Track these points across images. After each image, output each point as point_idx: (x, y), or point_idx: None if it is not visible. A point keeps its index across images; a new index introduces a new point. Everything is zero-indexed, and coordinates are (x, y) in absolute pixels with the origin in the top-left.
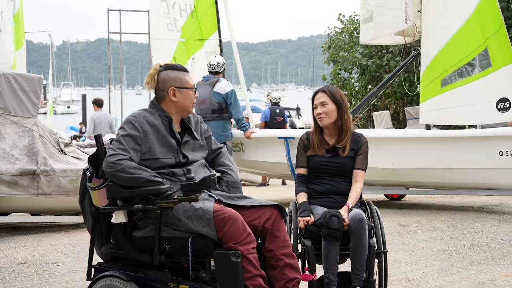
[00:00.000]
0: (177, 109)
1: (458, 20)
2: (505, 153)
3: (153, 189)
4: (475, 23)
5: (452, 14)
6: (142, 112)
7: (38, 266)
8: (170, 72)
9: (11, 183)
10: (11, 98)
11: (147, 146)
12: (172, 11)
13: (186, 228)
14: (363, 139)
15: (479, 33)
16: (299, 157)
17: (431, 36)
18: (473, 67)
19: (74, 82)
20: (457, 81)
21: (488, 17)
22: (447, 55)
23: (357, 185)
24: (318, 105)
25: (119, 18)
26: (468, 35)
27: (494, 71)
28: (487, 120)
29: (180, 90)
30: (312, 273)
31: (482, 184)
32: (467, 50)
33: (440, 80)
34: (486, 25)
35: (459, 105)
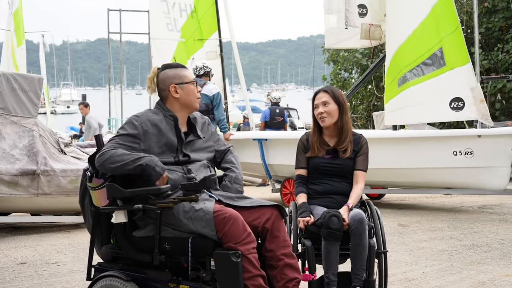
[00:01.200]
0: (182, 106)
1: (414, 22)
2: (459, 152)
3: (153, 189)
4: (430, 24)
5: (409, 16)
6: (146, 112)
7: (38, 266)
8: (168, 71)
9: (11, 183)
10: (11, 98)
11: (146, 145)
12: (172, 11)
13: (186, 229)
14: (363, 140)
15: (434, 33)
16: (298, 158)
17: (391, 38)
18: (427, 66)
19: (74, 82)
20: (412, 80)
21: (444, 19)
22: (402, 55)
23: (358, 186)
24: (319, 105)
25: (119, 18)
26: (422, 36)
27: (448, 70)
28: (440, 119)
29: (180, 86)
30: (312, 273)
31: (439, 183)
32: (421, 50)
33: (396, 81)
34: (441, 26)
35: (413, 104)
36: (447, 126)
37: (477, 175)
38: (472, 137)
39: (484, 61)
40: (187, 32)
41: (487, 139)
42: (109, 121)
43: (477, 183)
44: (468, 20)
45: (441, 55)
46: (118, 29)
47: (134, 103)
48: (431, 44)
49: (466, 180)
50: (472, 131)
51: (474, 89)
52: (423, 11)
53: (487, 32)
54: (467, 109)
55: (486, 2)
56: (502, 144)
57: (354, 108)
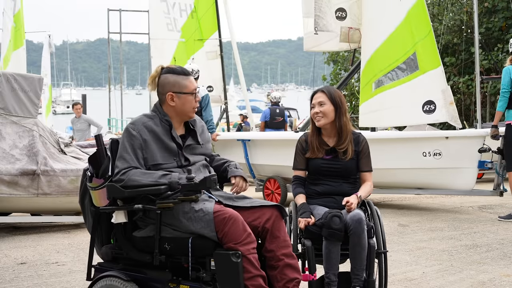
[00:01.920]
0: (177, 114)
1: (390, 27)
2: (428, 154)
3: (153, 189)
4: (405, 29)
5: (385, 21)
6: (141, 118)
7: (38, 266)
8: (169, 76)
9: (11, 183)
10: (11, 98)
11: (148, 153)
12: (172, 11)
13: (186, 229)
14: (362, 139)
15: (408, 38)
16: (296, 159)
17: (367, 42)
18: (402, 70)
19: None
20: (387, 84)
21: (417, 23)
22: (378, 59)
23: (368, 183)
24: (315, 105)
25: (119, 18)
26: (398, 41)
27: (421, 74)
28: (413, 122)
29: (178, 95)
30: (312, 273)
31: (410, 184)
32: (396, 54)
33: (371, 84)
34: (415, 31)
35: (388, 107)
36: (447, 127)
37: (446, 175)
38: (440, 138)
39: (484, 61)
40: (187, 32)
41: (455, 141)
42: (109, 121)
43: (445, 184)
44: (468, 20)
45: (415, 60)
46: (118, 29)
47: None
48: (405, 48)
49: (435, 180)
50: (440, 132)
51: (445, 91)
52: (399, 16)
53: (487, 32)
54: (438, 111)
55: (486, 2)
56: (469, 145)
57: (354, 108)
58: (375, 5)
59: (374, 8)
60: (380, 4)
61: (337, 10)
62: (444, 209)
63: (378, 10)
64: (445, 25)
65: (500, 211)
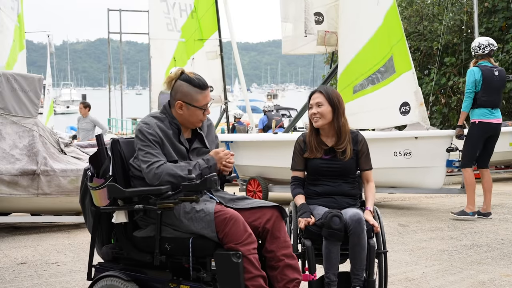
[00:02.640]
0: (182, 122)
1: (369, 30)
2: (399, 153)
3: (154, 189)
4: (383, 32)
5: (364, 24)
6: (152, 119)
7: (38, 266)
8: (185, 85)
9: (11, 183)
10: (11, 98)
11: (165, 150)
12: (172, 11)
13: (187, 229)
14: (361, 138)
15: (386, 41)
16: (295, 159)
17: (345, 45)
18: (382, 73)
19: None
20: (368, 88)
21: (393, 27)
22: (359, 63)
23: (370, 185)
24: (313, 105)
25: (119, 18)
26: (377, 44)
27: (397, 77)
28: (392, 123)
29: (187, 106)
30: (312, 273)
31: (383, 183)
32: (376, 58)
33: (352, 87)
34: (391, 35)
35: (369, 110)
36: (447, 127)
37: (416, 174)
38: (410, 138)
39: None
40: (187, 32)
41: (424, 141)
42: (109, 121)
43: (416, 182)
44: (468, 20)
45: (392, 63)
46: (118, 29)
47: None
48: (384, 52)
49: (406, 179)
50: (410, 133)
51: (416, 93)
52: (377, 20)
53: (487, 32)
54: (412, 112)
55: (486, 2)
56: (437, 145)
57: None
58: (353, 9)
59: (352, 12)
60: (358, 8)
61: (314, 15)
62: (444, 209)
63: (356, 14)
64: (445, 25)
65: (500, 211)
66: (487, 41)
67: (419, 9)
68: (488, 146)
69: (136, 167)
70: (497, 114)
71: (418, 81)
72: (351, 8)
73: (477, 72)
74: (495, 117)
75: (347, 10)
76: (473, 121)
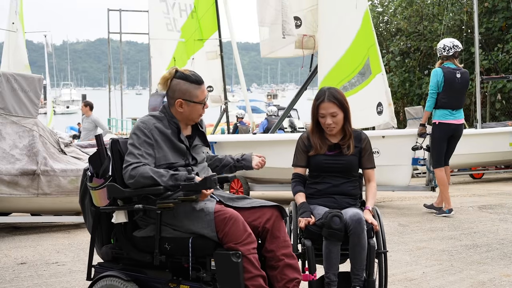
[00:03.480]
0: (183, 119)
1: (351, 34)
2: None
3: (154, 189)
4: (361, 36)
5: (344, 29)
6: (151, 119)
7: (38, 266)
8: (182, 83)
9: (11, 183)
10: (11, 98)
11: (161, 153)
12: (172, 11)
13: (186, 229)
14: (364, 137)
15: (364, 45)
16: (297, 156)
17: (327, 49)
18: (362, 75)
19: (74, 82)
20: (351, 90)
21: (367, 30)
22: (342, 67)
23: (372, 185)
24: (327, 115)
25: (119, 18)
26: (357, 48)
27: (373, 78)
28: (368, 124)
29: (187, 103)
30: (312, 273)
31: None
32: (357, 61)
33: None
34: (367, 38)
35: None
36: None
37: (384, 172)
38: (377, 137)
39: (484, 61)
40: (187, 32)
41: (390, 140)
42: (109, 121)
43: (384, 180)
44: (468, 20)
45: (369, 65)
46: (118, 29)
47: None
48: (362, 55)
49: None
50: (377, 132)
51: (387, 93)
52: (357, 23)
53: (487, 32)
54: (385, 112)
55: (486, 2)
56: (403, 144)
57: None
58: (333, 14)
59: (333, 16)
60: (339, 12)
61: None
62: None
63: (337, 18)
64: (445, 25)
65: (500, 211)
66: (451, 43)
67: (419, 9)
68: (450, 145)
69: None
70: (458, 115)
71: (418, 81)
72: (331, 13)
73: (440, 74)
74: (455, 118)
75: (327, 15)
76: (434, 121)
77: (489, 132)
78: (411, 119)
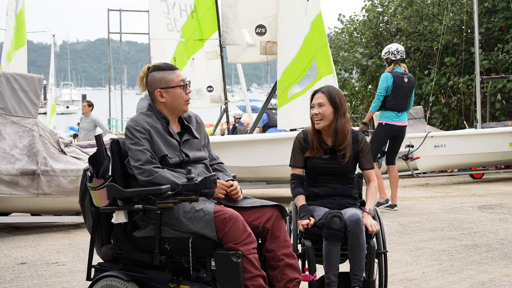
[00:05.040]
0: (169, 109)
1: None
2: None
3: (154, 189)
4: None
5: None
6: (140, 115)
7: (38, 266)
8: (155, 74)
9: (11, 183)
10: (11, 98)
11: (155, 146)
12: (172, 11)
13: (186, 229)
14: (361, 137)
15: (311, 48)
16: (295, 156)
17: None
18: (308, 77)
19: (74, 82)
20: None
21: (318, 34)
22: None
23: (372, 185)
24: (315, 105)
25: (119, 18)
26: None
27: (319, 79)
28: None
29: (166, 90)
30: (312, 273)
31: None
32: (304, 63)
33: (287, 92)
34: (316, 41)
35: (298, 112)
36: (447, 127)
37: None
38: None
39: (484, 61)
40: (187, 32)
41: None
42: (109, 121)
43: None
44: (468, 20)
45: (315, 67)
46: (118, 29)
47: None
48: (309, 57)
49: None
50: None
51: None
52: (305, 28)
53: (487, 32)
54: None
55: (486, 2)
56: None
57: (354, 108)
58: (287, 20)
59: (287, 23)
60: (292, 18)
61: (257, 27)
62: (444, 209)
63: (290, 24)
64: (445, 25)
65: (500, 211)
66: (397, 48)
67: (419, 9)
68: (394, 145)
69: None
70: (402, 117)
71: (418, 81)
72: (286, 19)
73: (390, 78)
74: (400, 120)
75: (283, 21)
76: (380, 122)
77: (489, 132)
78: (411, 119)
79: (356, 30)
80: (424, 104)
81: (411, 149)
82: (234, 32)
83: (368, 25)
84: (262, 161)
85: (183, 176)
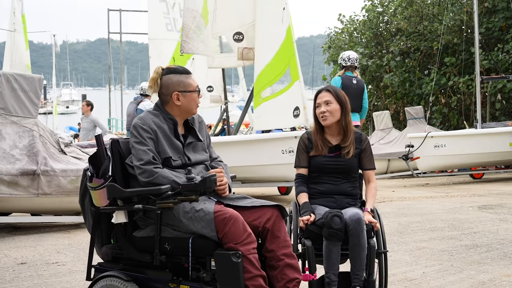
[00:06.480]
0: (181, 112)
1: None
2: (285, 151)
3: (154, 189)
4: (284, 47)
5: (272, 40)
6: (147, 114)
7: (38, 266)
8: (172, 77)
9: (11, 183)
10: (11, 98)
11: (160, 147)
12: (172, 11)
13: (186, 229)
14: (364, 138)
15: (286, 55)
16: (299, 156)
17: (259, 58)
18: (282, 82)
19: (74, 82)
20: (272, 94)
21: (289, 42)
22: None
23: (372, 185)
24: (321, 104)
25: (119, 18)
26: (280, 57)
27: (292, 85)
28: (287, 125)
29: (184, 94)
30: (312, 273)
31: (276, 177)
32: (279, 69)
33: (260, 94)
34: (288, 48)
35: (272, 113)
36: (447, 127)
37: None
38: (291, 138)
39: (484, 61)
40: None
41: None
42: (109, 121)
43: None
44: (468, 20)
45: (288, 73)
46: (118, 29)
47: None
48: (284, 63)
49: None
50: (291, 133)
51: (303, 97)
52: (281, 36)
53: (487, 32)
54: (301, 115)
55: (486, 2)
56: None
57: None
58: (264, 27)
59: (264, 30)
60: (268, 26)
61: (235, 34)
62: (444, 209)
63: (267, 31)
64: (445, 25)
65: (500, 211)
66: (348, 56)
67: (419, 9)
68: None
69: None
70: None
71: (418, 81)
72: (263, 26)
73: (338, 81)
74: None
75: (261, 28)
76: None
77: (489, 132)
78: (411, 119)
79: (356, 30)
80: (424, 104)
81: (411, 149)
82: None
83: (368, 25)
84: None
85: (183, 176)
